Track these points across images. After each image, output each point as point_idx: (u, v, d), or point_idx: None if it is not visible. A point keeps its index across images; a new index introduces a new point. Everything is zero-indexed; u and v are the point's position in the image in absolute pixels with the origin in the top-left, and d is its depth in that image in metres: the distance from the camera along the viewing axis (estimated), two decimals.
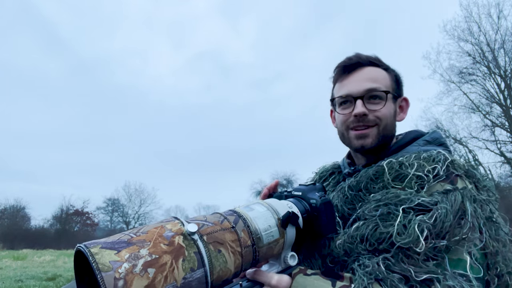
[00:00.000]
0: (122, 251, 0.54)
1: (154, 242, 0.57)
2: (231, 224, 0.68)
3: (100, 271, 0.50)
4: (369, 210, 0.78)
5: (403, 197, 0.76)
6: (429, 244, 0.69)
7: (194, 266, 0.58)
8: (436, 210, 0.71)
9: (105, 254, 0.52)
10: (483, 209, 0.75)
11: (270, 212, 0.75)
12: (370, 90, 0.94)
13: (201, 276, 0.58)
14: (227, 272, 0.64)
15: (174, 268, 0.55)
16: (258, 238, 0.70)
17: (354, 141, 0.97)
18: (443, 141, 0.95)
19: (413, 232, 0.68)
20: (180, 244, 0.58)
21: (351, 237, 0.77)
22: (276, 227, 0.74)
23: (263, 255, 0.71)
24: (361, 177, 0.88)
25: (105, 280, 0.49)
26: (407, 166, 0.82)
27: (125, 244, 0.55)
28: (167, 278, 0.54)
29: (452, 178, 0.80)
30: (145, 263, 0.53)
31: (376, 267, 0.68)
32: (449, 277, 0.66)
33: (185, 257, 0.57)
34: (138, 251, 0.55)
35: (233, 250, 0.65)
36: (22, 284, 4.44)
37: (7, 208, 25.90)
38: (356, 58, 0.98)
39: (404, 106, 1.03)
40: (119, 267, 0.51)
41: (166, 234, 0.59)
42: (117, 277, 0.50)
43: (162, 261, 0.55)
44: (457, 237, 0.70)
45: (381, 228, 0.73)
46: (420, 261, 0.69)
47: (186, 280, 0.56)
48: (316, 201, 0.78)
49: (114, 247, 0.54)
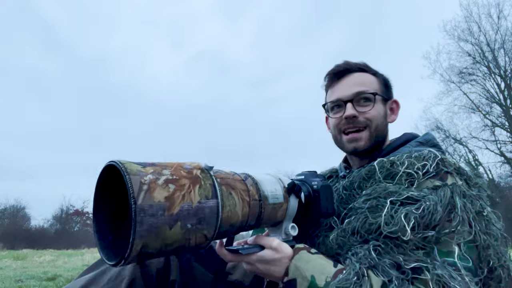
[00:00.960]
0: (147, 167, 0.58)
1: (175, 168, 0.62)
2: (241, 177, 0.74)
3: (128, 174, 0.54)
4: (359, 203, 0.81)
5: (392, 190, 0.78)
6: (417, 234, 0.70)
7: (209, 195, 0.62)
8: (424, 202, 0.72)
9: (133, 165, 0.57)
10: (473, 204, 0.76)
11: (276, 179, 0.81)
12: (359, 93, 0.98)
13: (213, 205, 0.62)
14: (235, 215, 0.67)
15: (191, 191, 0.60)
16: (264, 196, 0.75)
17: (347, 144, 1.01)
18: (436, 143, 0.98)
19: (399, 221, 0.70)
20: (198, 175, 0.63)
21: (343, 230, 0.79)
22: (281, 192, 0.79)
23: (267, 214, 0.75)
24: (354, 177, 0.91)
25: (132, 181, 0.53)
26: (398, 164, 0.85)
27: (150, 164, 0.60)
28: (184, 197, 0.58)
29: (442, 175, 0.82)
30: (166, 179, 0.58)
31: (368, 254, 0.70)
32: (438, 266, 0.67)
33: (201, 185, 0.62)
34: (161, 170, 0.59)
35: (242, 197, 0.70)
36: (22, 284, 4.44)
37: (7, 208, 25.90)
38: (344, 65, 1.04)
39: (394, 108, 1.08)
40: (144, 175, 0.56)
41: (185, 166, 0.64)
42: (142, 181, 0.54)
43: (181, 182, 0.59)
44: (446, 229, 0.71)
45: (370, 219, 0.75)
46: (409, 250, 0.70)
47: (201, 204, 0.60)
48: (318, 184, 0.84)
49: (140, 163, 0.59)
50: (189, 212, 0.58)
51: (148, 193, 0.54)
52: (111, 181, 0.61)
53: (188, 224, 0.58)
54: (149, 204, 0.53)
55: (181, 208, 0.57)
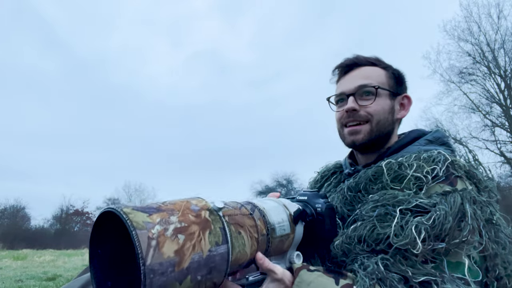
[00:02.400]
0: (153, 214, 0.53)
1: (182, 212, 0.57)
2: (249, 211, 0.70)
3: (135, 228, 0.49)
4: (367, 210, 0.78)
5: (401, 198, 0.76)
6: (427, 246, 0.68)
7: (219, 240, 0.58)
8: (434, 212, 0.70)
9: (138, 215, 0.52)
10: (483, 211, 0.74)
11: (282, 207, 0.77)
12: (361, 86, 0.95)
13: (224, 252, 0.59)
14: (244, 255, 0.64)
15: (202, 239, 0.56)
16: (272, 229, 0.72)
17: (347, 137, 0.99)
18: (446, 141, 0.95)
19: (410, 233, 0.68)
20: (207, 218, 0.59)
21: (349, 237, 0.77)
22: (288, 222, 0.76)
23: (274, 247, 0.73)
24: (360, 178, 0.88)
25: (139, 237, 0.49)
26: (406, 166, 0.82)
27: (155, 210, 0.55)
28: (195, 247, 0.54)
29: (452, 179, 0.79)
30: (175, 229, 0.53)
31: (376, 267, 0.68)
32: (447, 280, 0.66)
33: (211, 231, 0.58)
34: (168, 217, 0.55)
35: (251, 235, 0.66)
36: (22, 284, 4.44)
37: (7, 208, 25.90)
38: (353, 59, 1.01)
39: (405, 104, 1.03)
40: (152, 228, 0.51)
41: (192, 207, 0.59)
42: (150, 236, 0.50)
43: (191, 230, 0.55)
44: (456, 240, 0.69)
45: (378, 229, 0.73)
46: (418, 263, 0.68)
47: (211, 253, 0.57)
48: (322, 206, 0.80)
49: (145, 210, 0.54)
50: (200, 263, 0.55)
51: (157, 249, 0.50)
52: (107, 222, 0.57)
53: (198, 276, 0.55)
54: (159, 263, 0.49)
55: (191, 261, 0.53)
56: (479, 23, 15.47)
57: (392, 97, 0.99)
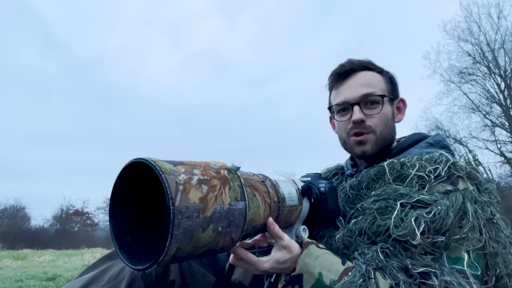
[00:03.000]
0: (178, 166, 0.55)
1: (204, 167, 0.59)
2: (261, 179, 0.72)
3: (163, 173, 0.51)
4: (368, 203, 0.80)
5: (402, 192, 0.77)
6: (427, 239, 0.69)
7: (238, 196, 0.61)
8: (435, 206, 0.71)
9: (164, 163, 0.53)
10: (484, 210, 0.75)
11: (290, 181, 0.81)
12: (366, 95, 0.95)
13: (242, 208, 0.61)
14: (258, 217, 0.66)
15: (222, 192, 0.58)
16: (282, 198, 0.75)
17: (356, 147, 0.98)
18: (446, 144, 0.96)
19: (409, 224, 0.69)
20: (226, 175, 0.61)
21: (350, 230, 0.78)
22: (296, 195, 0.79)
23: (284, 216, 0.75)
24: (363, 177, 0.89)
25: (168, 181, 0.50)
26: (408, 166, 0.83)
27: (179, 163, 0.57)
28: (217, 199, 0.56)
29: (454, 179, 0.80)
30: (199, 180, 0.56)
31: (375, 255, 0.69)
32: (447, 272, 0.66)
33: (231, 186, 0.60)
34: (192, 169, 0.57)
35: (264, 199, 0.68)
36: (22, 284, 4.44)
37: (7, 208, 25.86)
38: (349, 64, 1.00)
39: (401, 107, 1.04)
40: (178, 175, 0.53)
41: (212, 165, 0.62)
42: (177, 181, 0.52)
43: (213, 183, 0.57)
44: (457, 236, 0.70)
45: (379, 221, 0.74)
46: (417, 255, 0.69)
47: (231, 206, 0.59)
48: (325, 186, 0.84)
49: (169, 162, 0.55)
50: (221, 214, 0.56)
51: (184, 194, 0.51)
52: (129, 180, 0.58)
53: (219, 227, 0.56)
54: (186, 206, 0.51)
55: (214, 210, 0.55)
56: (479, 23, 15.48)
57: (391, 102, 1.00)
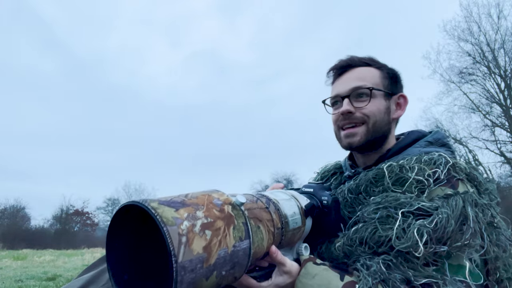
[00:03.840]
0: (180, 209, 0.53)
1: (207, 206, 0.56)
2: (265, 205, 0.70)
3: (165, 225, 0.48)
4: (368, 212, 0.78)
5: (403, 200, 0.76)
6: (429, 249, 0.68)
7: (242, 236, 0.59)
8: (436, 215, 0.70)
9: (166, 210, 0.51)
10: (484, 213, 0.74)
11: (293, 200, 0.79)
12: (355, 88, 0.95)
13: (246, 247, 0.59)
14: (261, 249, 0.65)
15: (227, 234, 0.56)
16: (286, 223, 0.72)
17: (343, 139, 0.99)
18: (446, 142, 0.95)
19: (412, 236, 0.68)
20: (230, 213, 0.59)
21: (350, 239, 0.77)
22: (300, 215, 0.77)
23: (287, 240, 0.74)
24: (361, 180, 0.88)
25: (170, 234, 0.48)
26: (407, 169, 0.82)
27: (181, 204, 0.54)
28: (221, 243, 0.54)
29: (453, 182, 0.79)
30: (202, 225, 0.53)
31: (379, 267, 0.69)
32: (449, 282, 0.66)
33: (235, 226, 0.58)
34: (194, 212, 0.54)
35: (268, 229, 0.67)
36: (22, 284, 4.44)
37: (7, 208, 25.89)
38: (347, 60, 1.00)
39: (402, 103, 1.03)
40: (181, 224, 0.50)
41: (215, 201, 0.59)
42: (180, 233, 0.50)
43: (217, 226, 0.55)
44: (458, 243, 0.69)
45: (380, 231, 0.73)
46: (420, 266, 0.69)
47: (235, 248, 0.57)
48: (328, 199, 0.82)
49: (170, 205, 0.53)
50: (225, 259, 0.55)
51: (187, 246, 0.50)
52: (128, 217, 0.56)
53: (223, 272, 0.55)
54: (189, 260, 0.49)
55: (218, 257, 0.54)
56: (479, 23, 15.49)
57: (388, 97, 0.98)
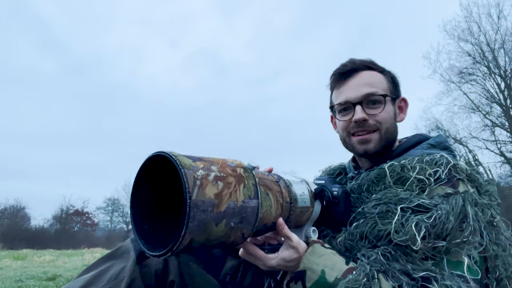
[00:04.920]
0: (197, 161, 0.59)
1: (221, 165, 0.63)
2: (275, 179, 0.75)
3: (183, 167, 0.54)
4: (369, 208, 0.80)
5: (403, 196, 0.77)
6: (427, 244, 0.69)
7: (251, 194, 0.63)
8: (435, 211, 0.71)
9: (184, 158, 0.57)
10: (484, 213, 0.75)
11: (304, 183, 0.83)
12: (368, 95, 0.95)
13: (254, 206, 0.64)
14: (269, 216, 0.69)
15: (237, 190, 0.61)
16: (295, 199, 0.77)
17: (357, 146, 0.98)
18: (448, 145, 0.96)
19: (410, 230, 0.69)
20: (241, 174, 0.64)
21: (351, 234, 0.79)
22: (309, 196, 0.81)
23: (295, 216, 0.77)
24: (363, 180, 0.89)
25: (187, 176, 0.54)
26: (409, 169, 0.83)
27: (198, 158, 0.60)
28: (231, 195, 0.60)
29: (454, 181, 0.80)
30: (215, 176, 0.59)
31: (379, 257, 0.70)
32: (447, 277, 0.67)
33: (245, 185, 0.63)
34: (209, 166, 0.60)
35: (277, 199, 0.71)
36: (22, 284, 4.44)
37: (7, 208, 25.89)
38: (351, 64, 1.00)
39: (403, 107, 1.04)
40: (196, 170, 0.56)
41: (229, 163, 0.65)
42: (195, 176, 0.55)
43: (228, 180, 0.61)
44: (457, 239, 0.70)
45: (379, 226, 0.74)
46: (418, 260, 0.70)
47: (244, 204, 0.62)
48: (338, 190, 0.85)
49: (189, 157, 0.59)
50: (234, 210, 0.60)
51: (201, 188, 0.55)
52: (151, 171, 0.62)
53: (232, 222, 0.59)
54: (202, 200, 0.54)
55: (227, 206, 0.58)
56: (479, 23, 15.48)
57: (393, 102, 0.99)
